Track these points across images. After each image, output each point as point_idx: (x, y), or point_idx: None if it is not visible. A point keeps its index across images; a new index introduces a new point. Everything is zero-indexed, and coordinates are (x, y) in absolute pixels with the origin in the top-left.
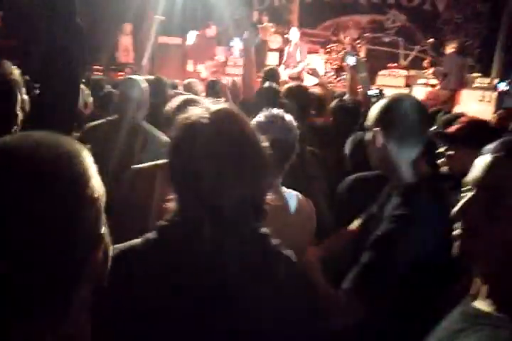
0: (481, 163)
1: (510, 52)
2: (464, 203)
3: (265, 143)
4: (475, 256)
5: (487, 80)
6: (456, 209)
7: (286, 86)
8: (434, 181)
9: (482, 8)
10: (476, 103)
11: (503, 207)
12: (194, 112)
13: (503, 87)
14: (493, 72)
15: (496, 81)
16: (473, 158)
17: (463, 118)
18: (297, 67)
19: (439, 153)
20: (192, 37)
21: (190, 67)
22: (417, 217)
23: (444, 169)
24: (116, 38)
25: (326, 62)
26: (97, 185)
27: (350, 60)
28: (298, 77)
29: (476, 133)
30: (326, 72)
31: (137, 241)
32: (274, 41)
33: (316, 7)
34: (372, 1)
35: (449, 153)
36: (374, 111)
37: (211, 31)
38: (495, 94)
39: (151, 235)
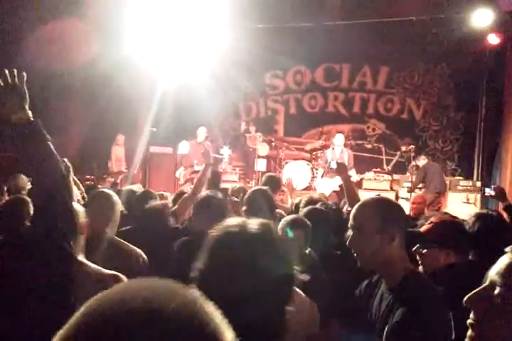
0: (500, 261)
1: (488, 156)
2: (475, 293)
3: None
4: None
5: (470, 183)
6: (466, 297)
7: None
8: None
9: (456, 117)
10: (461, 205)
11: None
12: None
13: (488, 191)
14: (475, 175)
15: (478, 183)
16: (441, 256)
17: (433, 219)
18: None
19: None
20: (184, 146)
21: (177, 174)
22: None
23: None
24: (109, 148)
25: (311, 168)
26: None
27: (333, 164)
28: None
29: (444, 233)
30: (313, 177)
31: None
32: (262, 149)
33: (300, 117)
34: (353, 111)
35: (421, 251)
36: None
37: (200, 137)
38: (479, 196)
39: None
